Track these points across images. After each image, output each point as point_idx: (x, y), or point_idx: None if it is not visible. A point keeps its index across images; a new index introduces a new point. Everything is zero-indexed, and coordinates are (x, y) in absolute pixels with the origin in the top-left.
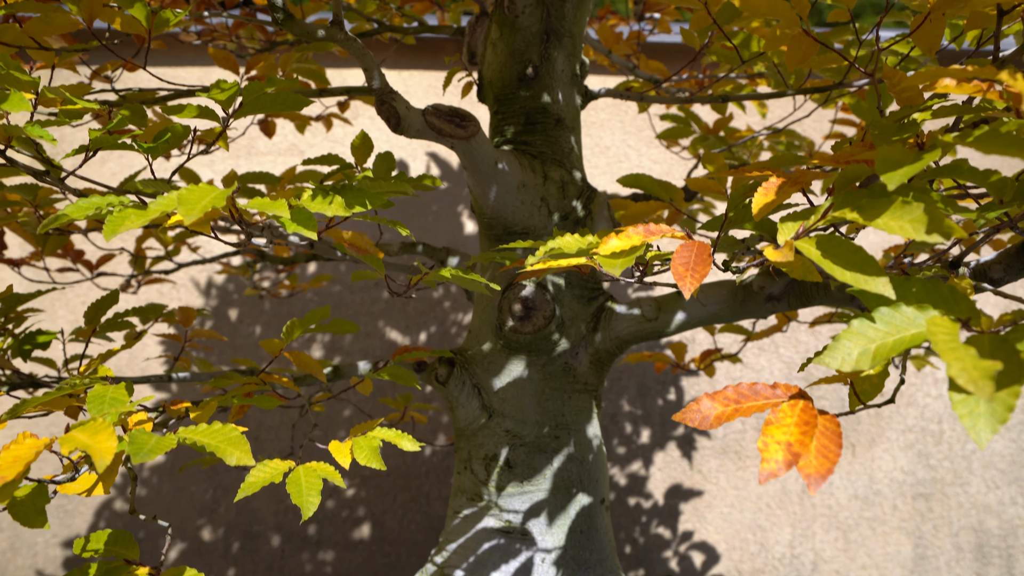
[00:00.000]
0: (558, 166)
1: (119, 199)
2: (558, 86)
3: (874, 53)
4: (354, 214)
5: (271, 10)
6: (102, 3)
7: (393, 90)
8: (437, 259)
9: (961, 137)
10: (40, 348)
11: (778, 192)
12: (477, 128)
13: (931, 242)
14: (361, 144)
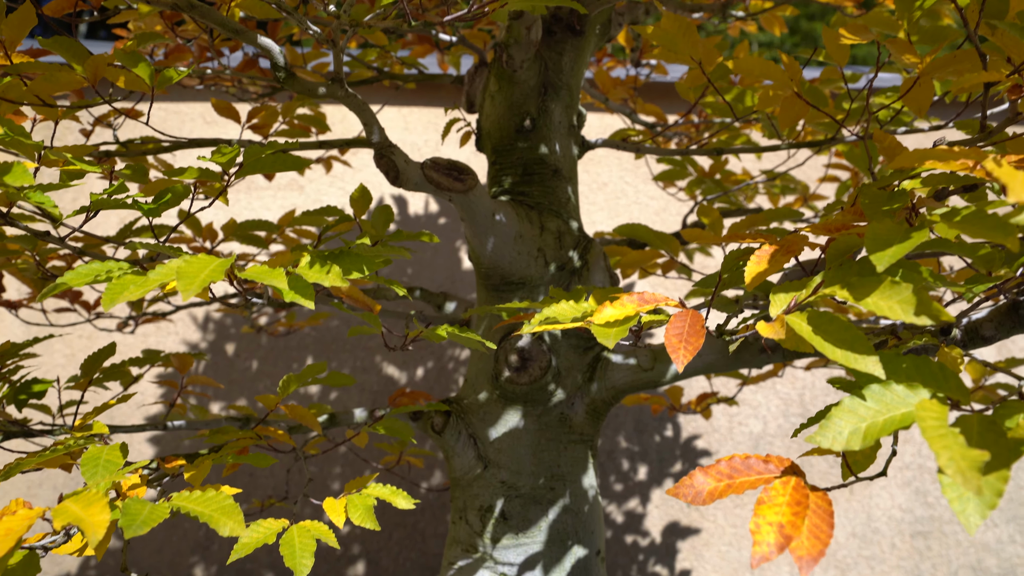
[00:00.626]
0: (555, 216)
1: (118, 265)
2: (555, 137)
3: (865, 108)
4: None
5: (273, 69)
6: (107, 63)
7: (392, 144)
8: (434, 303)
9: (948, 216)
10: (35, 397)
11: (770, 261)
12: (475, 182)
13: (920, 324)
14: (360, 197)
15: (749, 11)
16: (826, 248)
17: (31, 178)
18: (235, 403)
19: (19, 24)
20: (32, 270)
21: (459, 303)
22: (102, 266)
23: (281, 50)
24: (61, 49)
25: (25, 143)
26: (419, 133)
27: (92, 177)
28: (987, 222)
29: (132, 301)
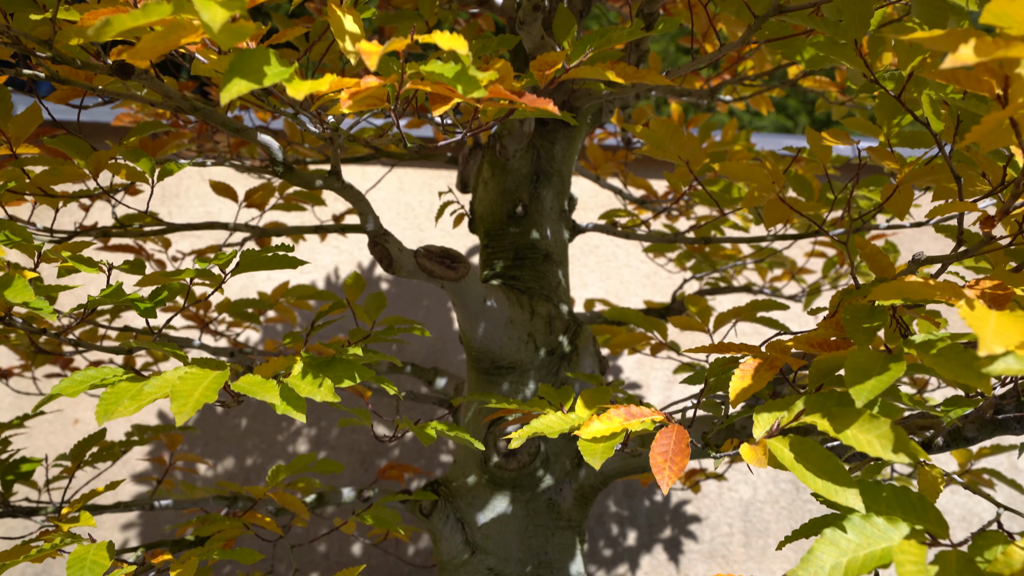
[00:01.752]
0: (545, 301)
1: (112, 371)
2: (546, 223)
3: (847, 209)
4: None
5: (271, 164)
6: (109, 156)
7: (386, 232)
8: (425, 379)
9: (924, 348)
10: (23, 479)
11: (754, 376)
12: (467, 269)
13: (896, 461)
14: (353, 283)
15: (737, 95)
16: (808, 365)
17: (31, 293)
18: (224, 461)
19: (25, 123)
20: (25, 344)
21: (449, 379)
22: (97, 373)
23: (279, 147)
24: (66, 147)
25: (29, 246)
26: (414, 194)
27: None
28: (961, 361)
29: (124, 367)
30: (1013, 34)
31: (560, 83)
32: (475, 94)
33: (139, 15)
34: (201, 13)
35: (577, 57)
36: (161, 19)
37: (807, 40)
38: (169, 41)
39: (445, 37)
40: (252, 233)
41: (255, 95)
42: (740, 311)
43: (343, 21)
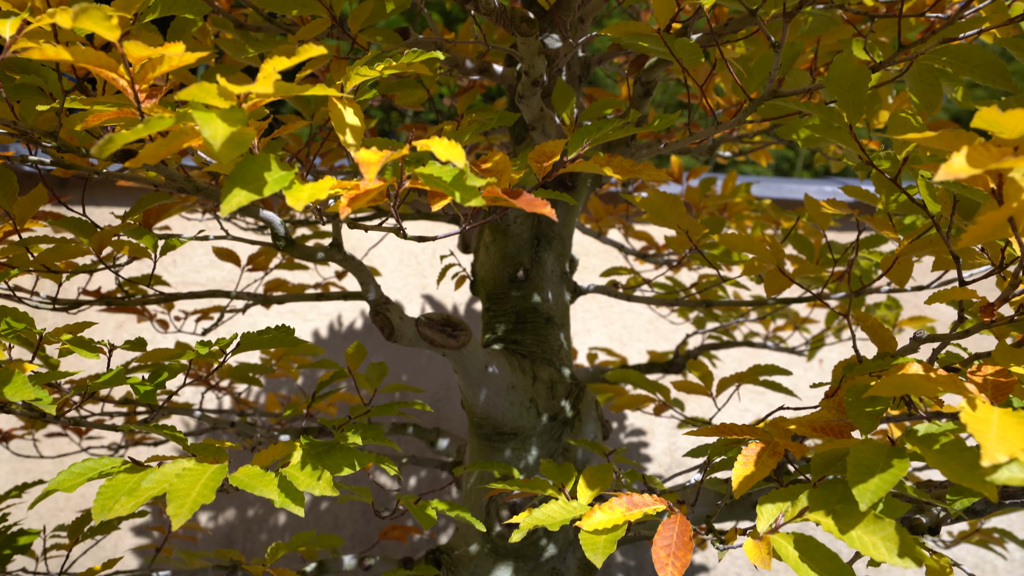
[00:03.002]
0: (547, 365)
1: (111, 462)
2: (548, 286)
3: (847, 274)
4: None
5: (273, 238)
6: (112, 234)
7: (387, 300)
8: (427, 440)
9: (926, 443)
10: (20, 552)
11: (757, 463)
12: (468, 337)
13: (902, 566)
14: (355, 353)
15: (736, 151)
16: (812, 456)
17: (30, 391)
18: (225, 512)
19: (30, 203)
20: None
21: (452, 440)
22: (95, 464)
23: (281, 221)
24: (70, 227)
25: (30, 336)
26: (416, 242)
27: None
28: (964, 462)
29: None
30: (1007, 138)
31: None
32: (472, 202)
33: (141, 129)
34: (202, 129)
35: (575, 149)
36: (163, 129)
37: (803, 121)
38: (171, 147)
39: (443, 145)
40: (254, 300)
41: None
42: (742, 376)
43: (343, 114)
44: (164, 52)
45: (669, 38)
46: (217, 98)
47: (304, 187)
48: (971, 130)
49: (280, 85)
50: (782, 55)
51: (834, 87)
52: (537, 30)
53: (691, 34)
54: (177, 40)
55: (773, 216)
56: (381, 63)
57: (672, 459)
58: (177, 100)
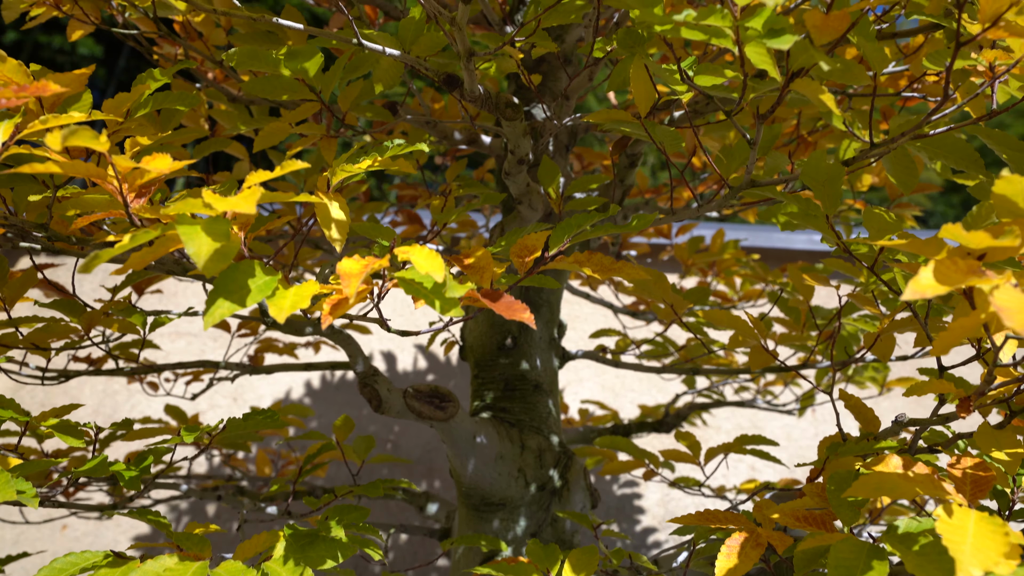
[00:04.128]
0: (536, 433)
1: (93, 557)
2: (536, 353)
3: (830, 347)
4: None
5: (262, 314)
6: (101, 313)
7: (376, 372)
8: (417, 504)
9: (905, 543)
10: None
11: (740, 556)
12: (456, 409)
13: None
14: (343, 425)
15: (722, 213)
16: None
17: (12, 490)
18: None
19: (20, 285)
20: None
21: (441, 505)
22: (78, 559)
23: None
24: (60, 307)
25: (18, 420)
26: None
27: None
28: (942, 567)
29: (112, 489)
30: (973, 248)
31: (551, 213)
32: (452, 312)
33: (126, 243)
34: (187, 245)
35: (556, 244)
36: (149, 240)
37: (781, 207)
38: (157, 253)
39: (423, 256)
40: (243, 371)
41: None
42: (729, 447)
43: (329, 209)
44: (149, 169)
45: (650, 124)
46: (203, 208)
47: (287, 295)
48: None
49: (265, 196)
50: (761, 140)
51: (810, 181)
52: (522, 114)
53: (674, 111)
54: (169, 121)
55: (761, 273)
56: (367, 158)
57: (666, 510)
58: (165, 196)
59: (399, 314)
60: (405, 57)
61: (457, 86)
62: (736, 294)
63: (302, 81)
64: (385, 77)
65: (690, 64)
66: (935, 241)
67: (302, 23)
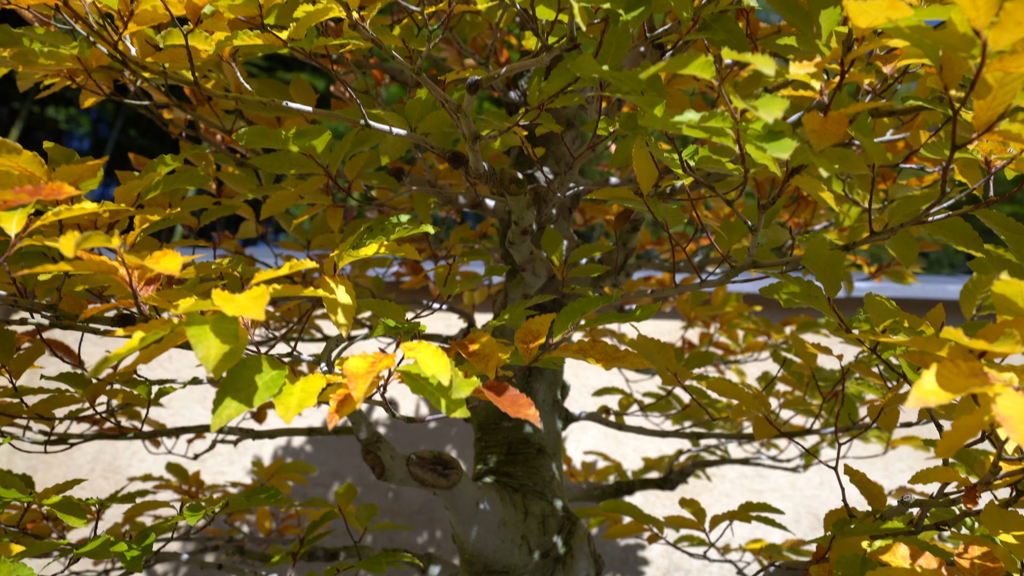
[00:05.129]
0: (539, 498)
1: None
2: (540, 415)
3: (836, 415)
4: None
5: None
6: (105, 384)
7: (379, 438)
8: (418, 568)
9: None
10: None
11: None
12: (459, 476)
13: None
14: (346, 492)
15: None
16: None
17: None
18: None
19: (26, 358)
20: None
21: (444, 567)
22: None
23: None
24: (66, 380)
25: (19, 506)
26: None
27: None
28: None
29: None
30: (976, 348)
31: (554, 278)
32: (457, 413)
33: (136, 344)
34: (196, 348)
35: (560, 330)
36: (158, 338)
37: (783, 286)
38: (165, 348)
39: (429, 354)
40: (244, 435)
41: None
42: (734, 515)
43: (336, 293)
44: (159, 269)
45: (652, 201)
46: (211, 305)
47: (294, 391)
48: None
49: (276, 293)
50: (764, 219)
51: (811, 265)
52: (526, 189)
53: (675, 180)
54: (178, 192)
55: (764, 328)
56: (374, 242)
57: (670, 561)
58: (176, 277)
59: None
60: (412, 136)
61: (463, 163)
62: (738, 347)
63: (310, 156)
64: (391, 150)
65: (691, 153)
66: (936, 341)
67: (312, 96)
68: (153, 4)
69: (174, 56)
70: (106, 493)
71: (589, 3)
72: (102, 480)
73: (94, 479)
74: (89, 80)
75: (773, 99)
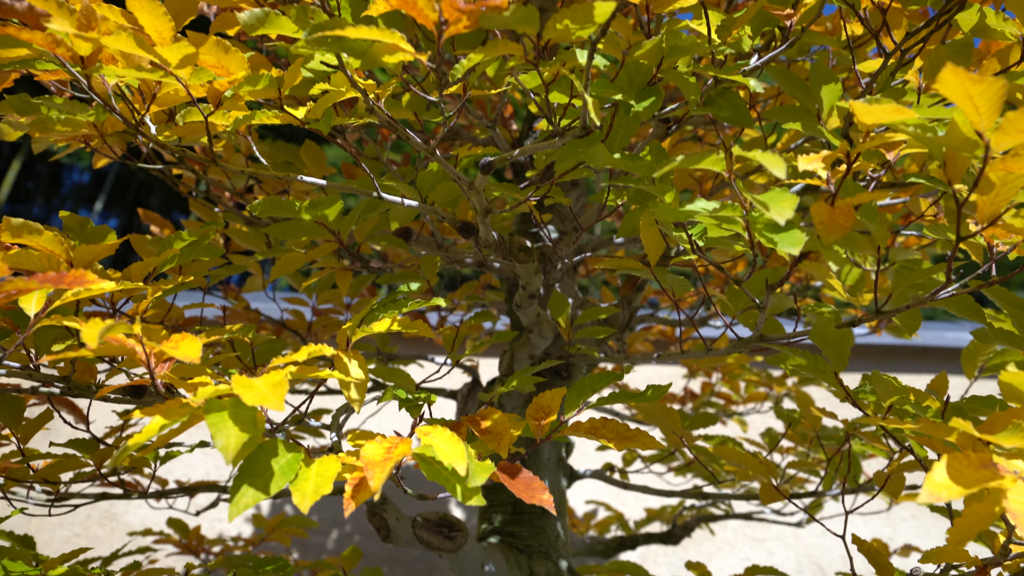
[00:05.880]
0: (544, 559)
1: None
2: (544, 474)
3: (843, 483)
4: None
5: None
6: (112, 449)
7: (385, 500)
8: None
9: None
10: None
11: None
12: (465, 539)
13: None
14: (351, 555)
15: None
16: None
17: None
18: None
19: (35, 425)
20: None
21: None
22: None
23: None
24: (74, 446)
25: (26, 572)
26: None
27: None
28: None
29: None
30: (987, 438)
31: (560, 336)
32: (473, 501)
33: (154, 429)
34: (215, 438)
35: (571, 408)
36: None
37: (790, 357)
38: (180, 431)
39: (445, 440)
40: None
41: None
42: None
43: (348, 367)
44: (179, 356)
45: (660, 271)
46: (228, 390)
47: (309, 475)
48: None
49: (294, 374)
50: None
51: (819, 341)
52: (534, 257)
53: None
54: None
55: (765, 380)
56: (386, 317)
57: None
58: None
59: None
60: (424, 207)
61: (473, 233)
62: (740, 397)
63: (322, 224)
64: (401, 216)
65: (699, 233)
66: (944, 428)
67: (322, 160)
68: (175, 88)
69: (191, 129)
70: (103, 542)
71: (601, 94)
72: (98, 527)
73: (90, 526)
74: (104, 145)
75: (783, 196)
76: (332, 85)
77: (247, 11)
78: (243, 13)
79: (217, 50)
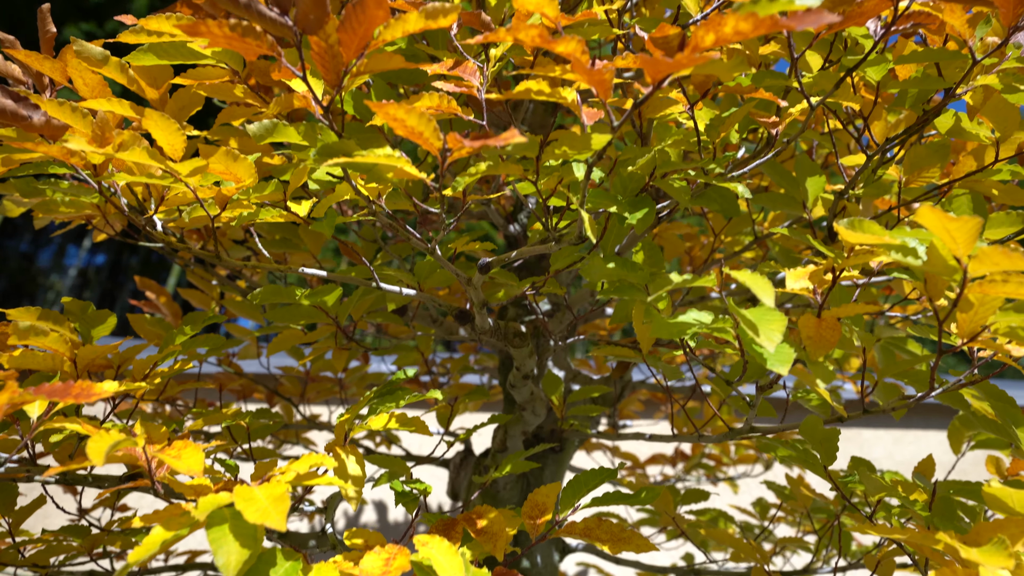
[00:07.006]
0: None
1: None
2: (537, 549)
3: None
4: None
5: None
6: (104, 534)
7: None
8: None
9: None
10: None
11: None
12: None
13: None
14: None
15: None
16: None
17: None
18: None
19: (27, 511)
20: None
21: None
22: None
23: None
24: (68, 532)
25: None
26: (409, 439)
27: None
28: None
29: None
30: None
31: (551, 411)
32: None
33: (155, 542)
34: (216, 553)
35: (566, 509)
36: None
37: (780, 447)
38: (179, 539)
39: (443, 551)
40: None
41: None
42: None
43: (346, 464)
44: (182, 468)
45: (652, 359)
46: (229, 499)
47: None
48: None
49: (296, 481)
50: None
51: (808, 437)
52: (528, 342)
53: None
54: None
55: (755, 455)
56: (384, 412)
57: None
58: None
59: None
60: (421, 296)
61: (469, 321)
62: (730, 459)
63: (320, 309)
64: (398, 300)
65: (692, 336)
66: (931, 538)
67: (321, 241)
68: (183, 191)
69: (196, 223)
70: None
71: (596, 206)
72: None
73: None
74: (106, 225)
75: (771, 316)
76: (336, 193)
77: (255, 123)
78: (252, 125)
79: (227, 159)
